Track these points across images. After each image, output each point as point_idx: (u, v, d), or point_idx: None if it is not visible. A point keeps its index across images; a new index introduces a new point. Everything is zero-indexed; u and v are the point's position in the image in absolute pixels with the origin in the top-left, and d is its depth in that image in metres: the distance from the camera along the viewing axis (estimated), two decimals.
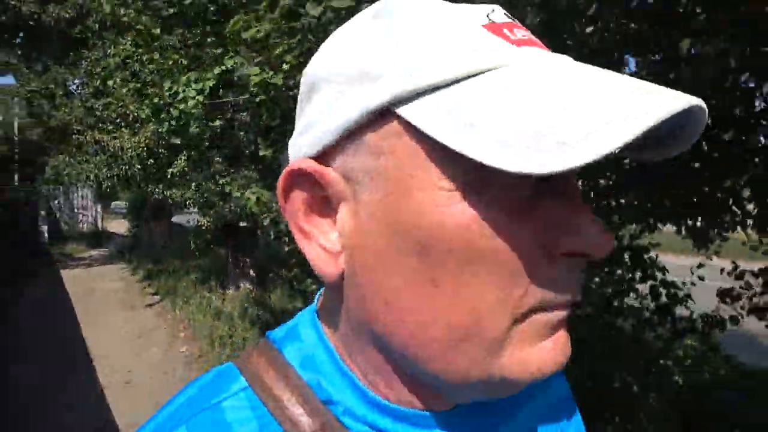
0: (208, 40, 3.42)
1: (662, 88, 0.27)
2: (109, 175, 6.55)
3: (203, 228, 5.60)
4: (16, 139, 12.43)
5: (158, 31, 3.59)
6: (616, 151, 0.25)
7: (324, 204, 0.35)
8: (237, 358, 0.40)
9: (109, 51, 5.54)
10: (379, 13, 0.33)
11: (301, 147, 0.35)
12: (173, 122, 3.38)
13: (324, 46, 0.36)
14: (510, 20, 0.33)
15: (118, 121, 6.11)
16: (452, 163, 0.29)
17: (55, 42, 8.23)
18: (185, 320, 5.65)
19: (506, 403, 0.39)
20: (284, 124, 2.72)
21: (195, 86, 3.02)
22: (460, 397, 0.36)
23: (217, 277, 6.73)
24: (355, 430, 0.35)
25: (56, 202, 14.55)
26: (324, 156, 0.34)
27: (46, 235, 12.58)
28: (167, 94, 3.07)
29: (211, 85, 3.10)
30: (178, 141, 4.02)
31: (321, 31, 1.71)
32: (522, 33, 0.33)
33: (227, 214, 5.06)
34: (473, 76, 0.30)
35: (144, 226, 11.19)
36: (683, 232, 2.28)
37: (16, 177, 12.28)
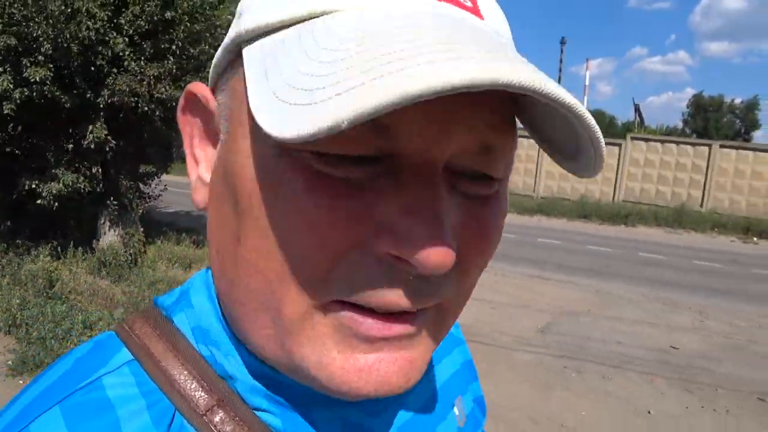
0: None
1: (496, 57, 0.22)
2: None
3: None
4: None
5: None
6: (345, 124, 0.20)
7: (214, 135, 0.33)
8: (118, 325, 0.35)
9: None
10: None
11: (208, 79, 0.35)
12: None
13: None
14: None
15: None
16: None
17: None
18: None
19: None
20: None
21: None
22: (287, 374, 0.31)
23: None
24: (255, 404, 0.32)
25: None
26: (215, 91, 0.33)
27: None
28: None
29: None
30: None
31: None
32: None
33: None
34: (304, 20, 0.27)
35: None
36: None
37: None
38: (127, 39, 4.87)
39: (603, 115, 43.13)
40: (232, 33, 0.30)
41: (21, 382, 3.32)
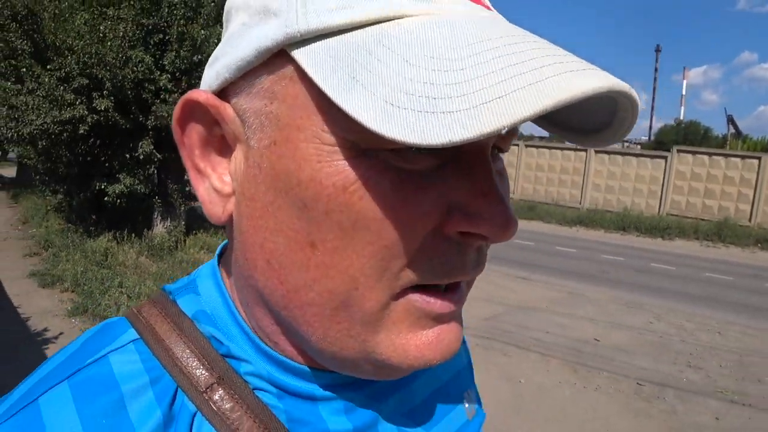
0: None
1: (587, 65, 0.24)
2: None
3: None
4: None
5: None
6: (505, 129, 0.22)
7: (222, 142, 0.33)
8: (128, 310, 0.37)
9: None
10: None
11: (205, 80, 0.34)
12: None
13: None
14: None
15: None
16: (338, 118, 0.27)
17: None
18: (20, 209, 10.19)
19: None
20: None
21: None
22: (343, 371, 0.34)
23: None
24: (256, 384, 0.34)
25: None
26: (224, 92, 0.32)
27: None
28: None
29: None
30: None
31: None
32: None
33: None
34: (372, 23, 0.27)
35: (25, 170, 15.21)
36: None
37: None
38: (169, 75, 6.42)
39: (698, 126, 40.28)
40: (273, 34, 0.28)
41: (73, 320, 4.80)
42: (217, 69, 0.32)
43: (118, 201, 6.91)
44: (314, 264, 0.30)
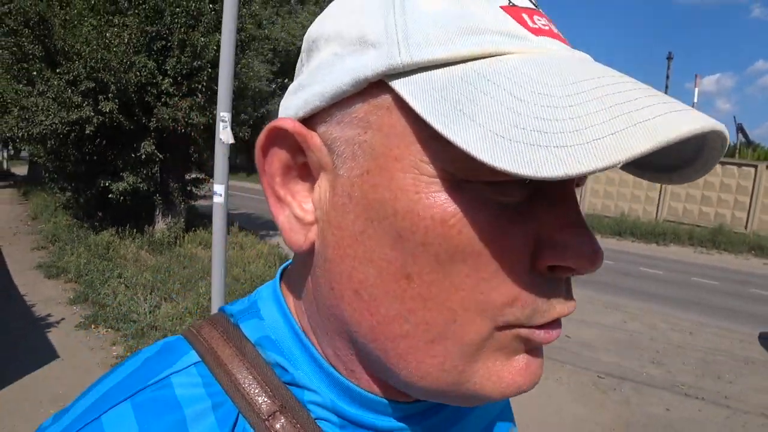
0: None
1: (685, 106, 0.25)
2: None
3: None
4: None
5: None
6: (620, 164, 0.23)
7: (303, 170, 0.33)
8: (186, 329, 0.37)
9: None
10: None
11: (289, 107, 0.34)
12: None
13: (334, 3, 0.33)
14: (532, 6, 0.31)
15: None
16: (439, 149, 0.28)
17: None
18: (30, 205, 10.68)
19: None
20: None
21: None
22: (426, 398, 0.34)
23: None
24: (318, 414, 0.34)
25: None
26: (311, 120, 0.32)
27: None
28: None
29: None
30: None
31: None
32: (543, 22, 0.30)
33: None
34: (477, 59, 0.28)
35: (36, 168, 15.77)
36: None
37: None
38: (171, 79, 6.80)
39: None
40: (374, 64, 0.28)
41: (74, 307, 5.15)
42: (305, 97, 0.32)
43: (122, 198, 7.30)
44: (410, 296, 0.30)
